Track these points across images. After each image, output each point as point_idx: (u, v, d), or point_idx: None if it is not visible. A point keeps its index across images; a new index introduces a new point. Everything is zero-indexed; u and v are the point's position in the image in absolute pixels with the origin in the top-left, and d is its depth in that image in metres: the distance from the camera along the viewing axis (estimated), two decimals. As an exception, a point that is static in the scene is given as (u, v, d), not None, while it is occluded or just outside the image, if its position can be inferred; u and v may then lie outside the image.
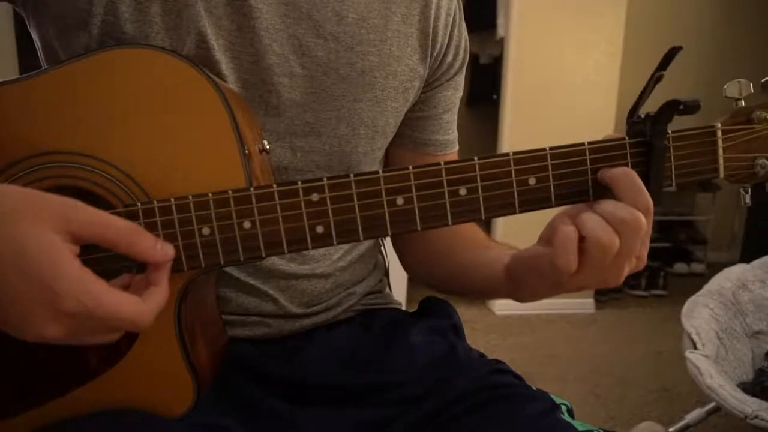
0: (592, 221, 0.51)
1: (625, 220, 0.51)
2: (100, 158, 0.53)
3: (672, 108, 0.52)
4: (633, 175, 0.52)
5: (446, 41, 0.72)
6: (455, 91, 0.77)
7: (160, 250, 0.49)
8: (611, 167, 0.53)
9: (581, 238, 0.52)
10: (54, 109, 0.53)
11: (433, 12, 0.69)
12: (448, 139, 0.78)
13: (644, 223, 0.51)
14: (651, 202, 0.52)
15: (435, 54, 0.71)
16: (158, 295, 0.48)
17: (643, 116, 0.54)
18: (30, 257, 0.43)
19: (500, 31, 3.12)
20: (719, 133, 0.55)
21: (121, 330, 0.48)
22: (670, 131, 0.54)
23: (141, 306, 0.46)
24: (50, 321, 0.44)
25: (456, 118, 0.79)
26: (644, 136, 0.54)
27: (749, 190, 0.57)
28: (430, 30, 0.70)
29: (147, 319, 0.47)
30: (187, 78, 0.53)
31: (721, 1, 3.85)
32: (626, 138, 0.54)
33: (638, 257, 0.54)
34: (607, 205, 0.52)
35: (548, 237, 0.55)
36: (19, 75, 0.54)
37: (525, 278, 0.61)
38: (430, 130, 0.76)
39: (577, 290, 0.56)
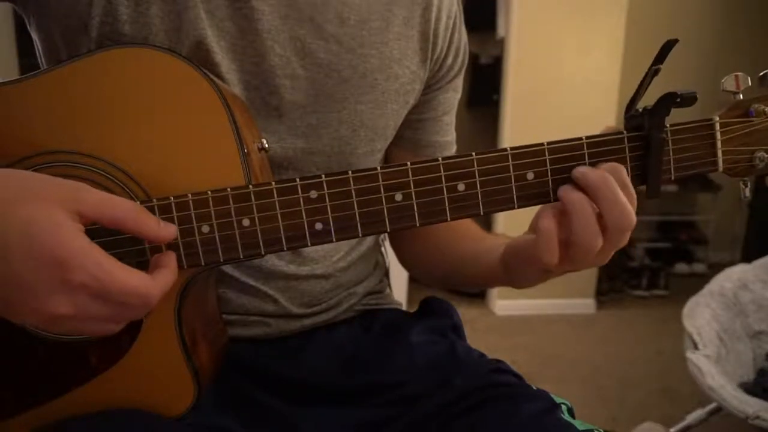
0: (577, 223, 0.52)
1: (616, 224, 0.51)
2: (99, 157, 0.53)
3: (669, 100, 0.52)
4: (611, 183, 0.52)
5: (446, 44, 0.72)
6: (455, 93, 0.77)
7: (164, 228, 0.49)
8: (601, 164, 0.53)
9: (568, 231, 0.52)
10: (54, 109, 0.53)
11: (433, 14, 0.69)
12: (446, 140, 0.78)
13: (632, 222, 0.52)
14: (632, 217, 0.52)
15: (435, 56, 0.71)
16: (167, 275, 0.49)
17: (640, 110, 0.54)
18: (38, 237, 0.43)
19: (500, 32, 3.12)
20: (717, 126, 0.55)
21: (129, 310, 0.47)
22: (668, 125, 0.54)
23: (150, 281, 0.47)
24: (59, 296, 0.44)
25: (454, 119, 0.80)
26: (642, 130, 0.54)
27: (748, 184, 0.57)
28: (431, 32, 0.70)
29: (155, 294, 0.47)
30: (186, 77, 0.53)
31: (721, 2, 3.85)
32: (624, 132, 0.54)
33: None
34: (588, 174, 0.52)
35: (536, 226, 0.56)
36: (19, 75, 0.54)
37: (517, 267, 0.61)
38: (430, 132, 0.76)
39: (563, 273, 0.57)
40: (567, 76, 2.93)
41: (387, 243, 0.84)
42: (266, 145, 0.58)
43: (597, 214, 0.52)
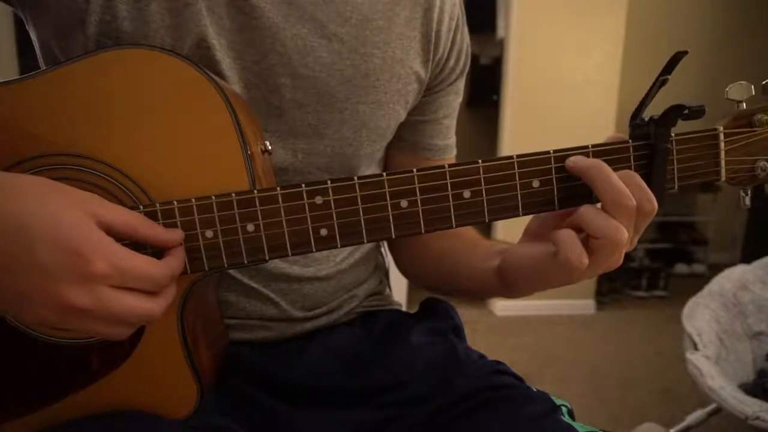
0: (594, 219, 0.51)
1: (614, 204, 0.51)
2: (101, 160, 0.52)
3: (676, 112, 0.52)
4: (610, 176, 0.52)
5: (448, 45, 0.72)
6: (456, 96, 0.77)
7: (171, 232, 0.52)
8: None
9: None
10: (54, 111, 0.52)
11: (436, 16, 0.69)
12: (446, 144, 0.78)
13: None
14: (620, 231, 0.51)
15: (437, 58, 0.71)
16: (177, 260, 0.51)
17: (646, 119, 0.54)
18: (62, 227, 0.45)
19: (500, 32, 3.13)
20: (721, 136, 0.55)
21: (144, 302, 0.48)
22: (672, 134, 0.54)
23: (161, 266, 0.49)
24: (78, 287, 0.45)
25: (455, 123, 0.79)
26: (647, 139, 0.54)
27: (749, 192, 0.57)
28: (433, 34, 0.69)
29: (168, 278, 0.50)
30: (188, 78, 0.52)
31: (721, 2, 3.86)
32: (629, 141, 0.54)
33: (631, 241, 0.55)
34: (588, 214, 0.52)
35: (539, 232, 0.56)
36: (19, 75, 0.54)
37: (522, 280, 0.60)
38: (430, 135, 0.76)
39: (564, 285, 0.57)
40: (567, 76, 2.94)
41: (386, 244, 0.84)
42: (269, 148, 0.57)
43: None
